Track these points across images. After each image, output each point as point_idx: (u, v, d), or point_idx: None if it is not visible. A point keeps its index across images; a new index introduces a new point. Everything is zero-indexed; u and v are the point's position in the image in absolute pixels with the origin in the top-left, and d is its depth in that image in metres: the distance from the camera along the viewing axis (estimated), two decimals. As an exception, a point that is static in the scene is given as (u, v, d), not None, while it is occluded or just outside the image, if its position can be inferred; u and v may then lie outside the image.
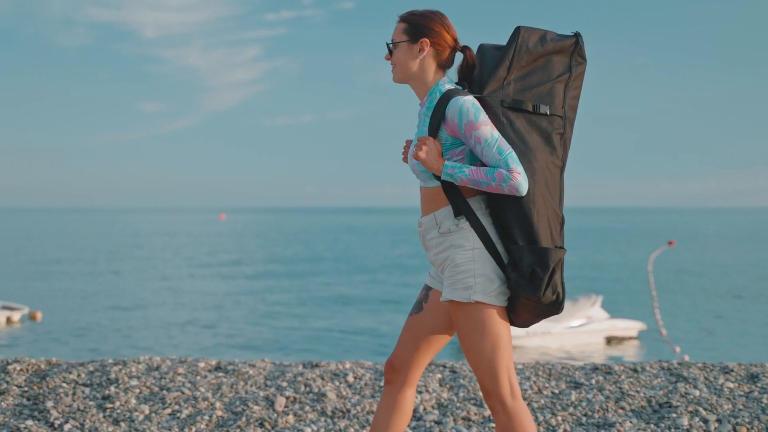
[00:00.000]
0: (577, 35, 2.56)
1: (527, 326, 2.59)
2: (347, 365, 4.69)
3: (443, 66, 2.58)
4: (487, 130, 2.39)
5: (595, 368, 4.56)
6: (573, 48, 2.55)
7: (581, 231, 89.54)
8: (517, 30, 2.49)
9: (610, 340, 15.36)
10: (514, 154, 2.38)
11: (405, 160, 2.69)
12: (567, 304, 14.88)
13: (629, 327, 15.65)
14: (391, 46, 2.58)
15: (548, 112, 2.48)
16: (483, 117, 2.39)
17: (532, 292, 2.39)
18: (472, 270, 2.43)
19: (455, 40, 2.58)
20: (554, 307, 2.46)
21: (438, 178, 2.48)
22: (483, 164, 2.44)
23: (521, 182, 2.35)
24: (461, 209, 2.45)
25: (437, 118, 2.46)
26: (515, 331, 13.91)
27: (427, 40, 2.53)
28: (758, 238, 77.31)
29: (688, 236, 77.28)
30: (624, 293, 27.28)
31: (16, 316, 18.58)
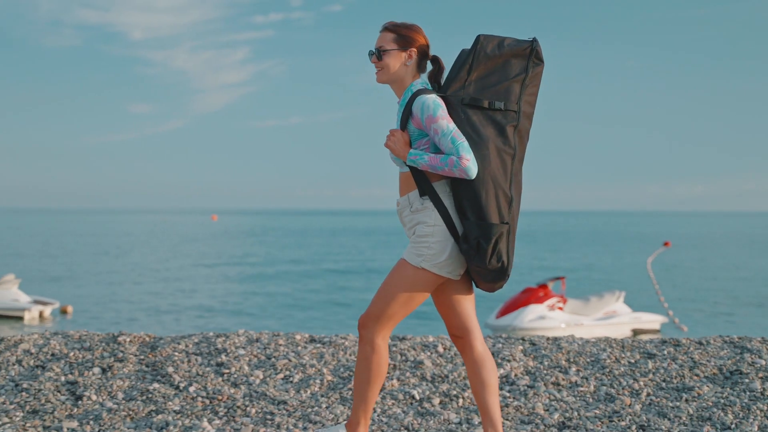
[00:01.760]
0: (533, 40, 2.95)
1: (491, 291, 3.03)
2: (431, 339, 5.02)
3: (420, 71, 3.04)
4: (444, 123, 2.82)
5: (664, 341, 4.91)
6: (530, 51, 2.94)
7: (575, 234, 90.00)
8: (477, 38, 2.92)
9: (635, 332, 15.88)
10: (466, 143, 2.80)
11: None
12: (594, 300, 15.38)
13: (652, 320, 16.31)
14: (382, 52, 3.01)
15: (503, 108, 2.89)
16: (441, 112, 2.84)
17: (480, 261, 2.84)
18: (428, 243, 2.88)
19: (429, 49, 3.05)
20: (500, 274, 2.90)
21: (405, 164, 2.95)
22: (441, 152, 2.87)
23: (469, 167, 2.78)
24: (425, 190, 2.90)
25: (406, 114, 2.93)
26: (551, 323, 14.37)
27: (415, 50, 2.99)
28: (745, 240, 78.03)
29: (679, 239, 77.89)
30: (629, 295, 27.64)
31: (48, 311, 18.74)
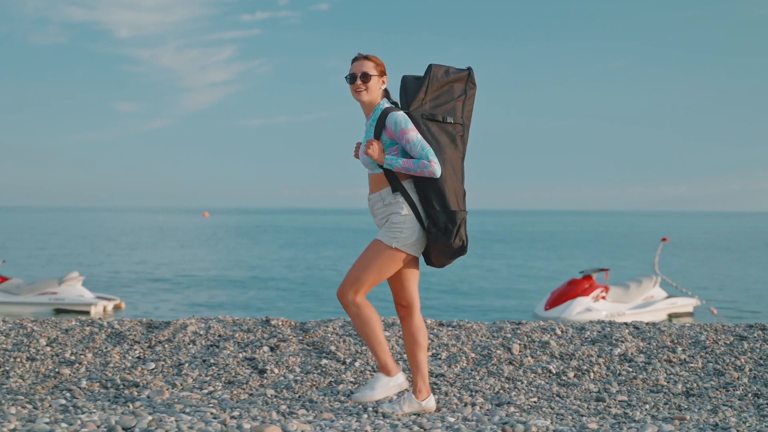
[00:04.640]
0: (469, 69, 3.76)
1: (442, 266, 3.79)
2: (541, 323, 5.65)
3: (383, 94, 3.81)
4: (413, 134, 3.59)
5: (750, 326, 5.56)
6: (467, 78, 3.75)
7: (567, 236, 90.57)
8: (430, 66, 3.70)
9: (670, 317, 16.49)
10: (432, 150, 3.58)
11: (356, 155, 3.91)
12: (633, 286, 15.95)
13: (687, 303, 16.87)
14: (369, 76, 3.69)
15: (452, 121, 3.70)
16: (410, 125, 3.61)
17: (446, 240, 3.60)
18: (401, 228, 3.62)
19: None
20: (461, 251, 3.67)
21: (381, 167, 3.67)
22: (411, 157, 3.62)
23: (436, 169, 3.56)
24: (397, 188, 3.64)
25: (379, 127, 3.67)
26: (596, 314, 14.97)
27: (386, 77, 3.78)
28: (736, 240, 79.06)
29: (673, 238, 78.75)
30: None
31: (110, 306, 19.14)
